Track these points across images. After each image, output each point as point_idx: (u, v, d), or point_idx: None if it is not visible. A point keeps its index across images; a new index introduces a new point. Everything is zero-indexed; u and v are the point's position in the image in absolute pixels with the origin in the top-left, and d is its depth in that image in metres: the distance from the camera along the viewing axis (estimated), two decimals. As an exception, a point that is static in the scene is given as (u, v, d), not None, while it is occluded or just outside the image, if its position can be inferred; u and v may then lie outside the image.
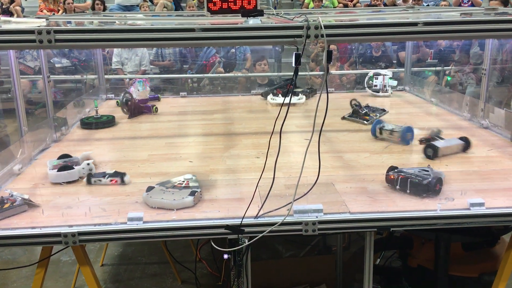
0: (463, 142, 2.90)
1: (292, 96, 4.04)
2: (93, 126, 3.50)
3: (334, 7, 9.67)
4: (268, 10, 3.15)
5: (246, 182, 2.47)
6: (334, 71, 7.12)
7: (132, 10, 9.49)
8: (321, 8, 9.35)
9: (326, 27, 1.95)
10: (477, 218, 2.14)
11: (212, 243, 2.09)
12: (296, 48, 1.98)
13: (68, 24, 3.13)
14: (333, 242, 3.29)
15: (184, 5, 9.69)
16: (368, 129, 3.31)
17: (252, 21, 2.31)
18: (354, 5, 10.16)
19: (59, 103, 5.74)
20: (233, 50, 7.79)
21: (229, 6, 2.86)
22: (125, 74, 7.48)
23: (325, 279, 3.10)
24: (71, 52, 7.56)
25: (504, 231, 2.87)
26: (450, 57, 7.68)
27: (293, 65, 1.96)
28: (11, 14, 9.67)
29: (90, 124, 3.52)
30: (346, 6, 10.10)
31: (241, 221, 2.06)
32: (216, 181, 2.51)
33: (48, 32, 1.92)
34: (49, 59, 7.28)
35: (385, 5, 9.29)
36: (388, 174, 2.39)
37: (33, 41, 1.93)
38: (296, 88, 4.28)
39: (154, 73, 7.77)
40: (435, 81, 6.98)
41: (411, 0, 8.84)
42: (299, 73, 2.02)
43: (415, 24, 2.03)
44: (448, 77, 7.29)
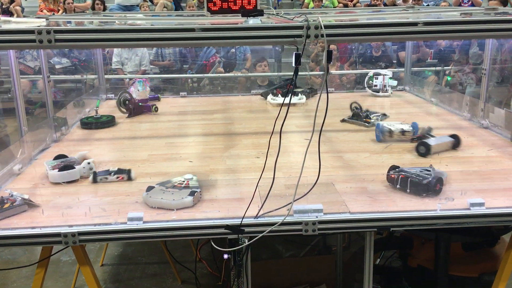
0: (454, 139, 2.95)
1: (292, 96, 4.05)
2: (93, 126, 3.50)
3: (334, 7, 9.67)
4: (268, 10, 3.15)
5: (246, 182, 2.47)
6: (334, 71, 7.12)
7: (132, 10, 9.49)
8: (321, 8, 9.35)
9: (326, 27, 1.95)
10: (477, 218, 2.14)
11: (212, 243, 2.09)
12: (296, 48, 1.98)
13: (68, 24, 3.13)
14: (333, 242, 3.29)
15: (184, 5, 9.69)
16: (368, 130, 3.31)
17: (252, 21, 2.31)
18: (354, 5, 10.16)
19: (59, 103, 5.75)
20: (233, 50, 7.78)
21: (229, 6, 2.86)
22: (125, 74, 7.48)
23: (325, 279, 3.10)
24: (71, 52, 7.56)
25: (504, 231, 2.87)
26: (450, 57, 7.68)
27: (293, 65, 1.96)
28: (11, 14, 9.67)
29: (89, 124, 3.52)
30: (346, 6, 10.10)
31: (241, 221, 2.06)
32: (216, 181, 2.51)
33: (48, 32, 1.92)
34: (49, 59, 7.28)
35: (385, 5, 9.29)
36: (389, 174, 2.39)
37: (33, 41, 1.93)
38: (296, 88, 4.27)
39: (154, 73, 7.77)
40: (435, 81, 6.98)
41: (411, 0, 8.85)
42: (299, 73, 2.02)
43: (415, 24, 2.03)
44: (448, 77, 7.29)
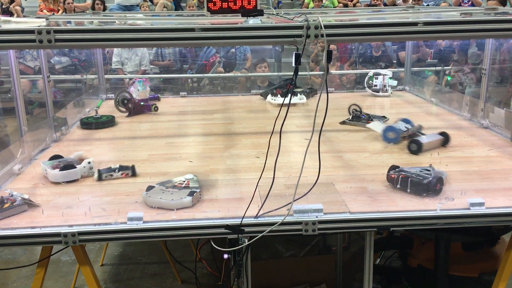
0: (443, 137, 2.99)
1: (292, 96, 4.05)
2: (93, 126, 3.49)
3: (334, 7, 9.67)
4: (268, 10, 3.15)
5: (246, 182, 2.47)
6: (334, 71, 7.12)
7: (132, 10, 9.49)
8: (321, 8, 9.35)
9: (326, 27, 1.95)
10: (477, 218, 2.14)
11: (212, 243, 2.09)
12: (296, 48, 1.98)
13: (68, 24, 3.13)
14: (333, 242, 3.30)
15: (184, 5, 9.69)
16: (368, 130, 3.31)
17: (252, 21, 2.31)
18: (354, 5, 10.16)
19: (59, 103, 5.75)
20: (233, 50, 7.79)
21: (229, 6, 2.86)
22: (125, 74, 7.49)
23: (325, 279, 3.10)
24: (71, 52, 7.56)
25: (504, 231, 2.87)
26: (450, 57, 7.68)
27: (293, 65, 1.96)
28: (11, 14, 9.67)
29: (89, 124, 3.52)
30: (346, 6, 10.10)
31: (241, 221, 2.06)
32: (216, 181, 2.51)
33: (48, 32, 1.92)
34: (49, 59, 7.28)
35: (385, 5, 9.29)
36: (389, 174, 2.39)
37: (33, 41, 1.93)
38: (296, 88, 4.27)
39: (154, 73, 7.77)
40: (435, 81, 6.98)
41: (411, 0, 8.85)
42: (299, 73, 2.02)
43: (415, 24, 2.03)
44: (448, 77, 7.29)
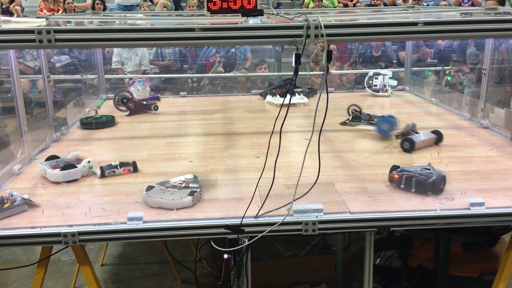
0: (436, 135, 3.00)
1: (292, 96, 4.05)
2: (93, 126, 3.49)
3: (334, 7, 9.67)
4: (268, 10, 3.15)
5: (246, 182, 2.47)
6: (334, 71, 7.12)
7: (132, 10, 9.49)
8: (321, 8, 9.35)
9: (326, 26, 1.94)
10: (477, 218, 2.14)
11: (212, 243, 2.09)
12: (296, 48, 1.98)
13: (68, 24, 3.13)
14: (333, 242, 3.30)
15: (184, 4, 9.69)
16: (368, 130, 3.31)
17: (252, 21, 2.31)
18: (354, 5, 10.16)
19: (58, 102, 5.75)
20: (233, 50, 7.79)
21: (229, 5, 2.86)
22: (125, 74, 7.49)
23: (325, 279, 3.10)
24: (71, 52, 7.56)
25: (504, 231, 2.87)
26: (450, 57, 7.68)
27: (293, 65, 1.96)
28: (11, 14, 9.67)
29: (89, 124, 3.51)
30: (346, 6, 10.11)
31: (241, 221, 2.06)
32: (216, 180, 2.51)
33: (48, 32, 1.92)
34: (49, 59, 7.28)
35: (385, 4, 9.29)
36: (392, 174, 2.38)
37: (33, 40, 1.93)
38: (295, 88, 4.26)
39: (154, 73, 7.77)
40: (435, 81, 6.98)
41: (411, 0, 8.85)
42: (299, 73, 2.02)
43: (415, 24, 2.03)
44: (448, 77, 7.29)
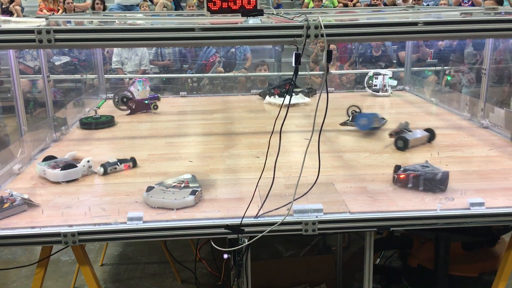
0: (429, 133, 3.03)
1: (293, 96, 4.05)
2: (92, 126, 3.49)
3: (334, 7, 9.67)
4: (268, 9, 3.15)
5: (246, 181, 2.47)
6: (334, 71, 7.12)
7: (132, 9, 9.48)
8: (321, 7, 9.35)
9: (326, 26, 1.94)
10: (477, 218, 2.14)
11: (212, 243, 2.09)
12: (296, 47, 1.98)
13: (68, 24, 3.13)
14: (333, 242, 3.29)
15: (184, 4, 9.69)
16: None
17: (252, 21, 2.31)
18: (354, 5, 10.16)
19: (58, 102, 5.75)
20: (233, 50, 7.78)
21: (229, 5, 2.86)
22: (125, 74, 7.48)
23: (325, 278, 3.10)
24: (70, 51, 7.56)
25: (504, 231, 2.87)
26: (450, 57, 7.68)
27: (293, 64, 1.96)
28: (11, 14, 9.67)
29: (89, 124, 3.51)
30: (346, 5, 10.10)
31: (241, 221, 2.06)
32: (216, 180, 2.51)
33: (48, 32, 1.92)
34: (49, 59, 7.28)
35: (385, 4, 9.29)
36: (397, 174, 2.37)
37: (33, 40, 1.93)
38: (295, 88, 4.26)
39: (154, 73, 7.76)
40: (435, 80, 6.98)
41: (411, 0, 8.84)
42: (298, 73, 2.02)
43: (415, 24, 2.03)
44: (448, 77, 7.29)
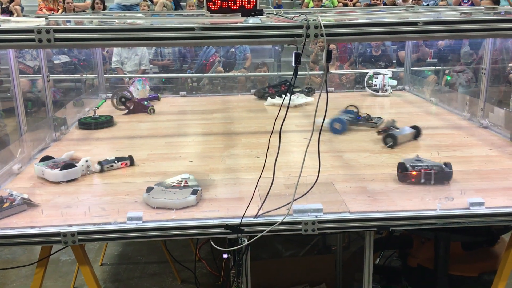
0: (415, 130, 3.10)
1: (296, 97, 4.05)
2: (91, 127, 3.47)
3: (333, 7, 9.67)
4: (268, 9, 3.15)
5: (245, 181, 2.47)
6: (333, 71, 7.12)
7: (132, 9, 9.48)
8: (321, 7, 9.35)
9: (326, 26, 1.94)
10: (476, 218, 2.14)
11: (212, 242, 2.09)
12: (295, 47, 1.98)
13: (68, 24, 3.13)
14: (333, 242, 3.29)
15: (183, 4, 9.69)
16: (368, 130, 3.30)
17: (252, 21, 2.31)
18: (354, 5, 10.16)
19: (57, 102, 5.75)
20: (232, 50, 7.78)
21: (228, 5, 2.85)
22: (125, 74, 7.48)
23: (325, 278, 3.10)
24: (70, 51, 7.56)
25: (504, 231, 2.87)
26: (450, 57, 7.68)
27: (293, 64, 1.96)
28: (10, 13, 9.67)
29: (87, 124, 3.49)
30: (345, 5, 10.11)
31: (241, 221, 2.06)
32: (215, 180, 2.51)
33: (48, 32, 1.92)
34: (49, 59, 7.28)
35: (385, 4, 9.29)
36: (409, 171, 2.40)
37: (33, 40, 1.93)
38: (294, 88, 4.25)
39: (154, 73, 7.76)
40: (435, 80, 6.97)
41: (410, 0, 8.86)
42: (298, 73, 2.01)
43: (415, 24, 2.03)
44: (448, 77, 7.28)
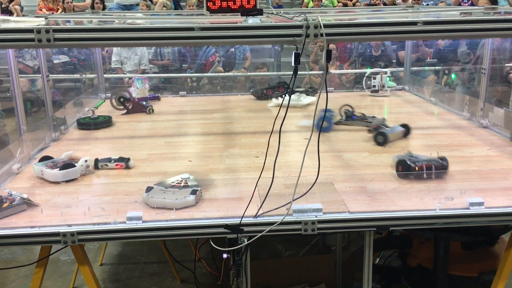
0: (404, 128, 3.12)
1: (300, 98, 4.04)
2: (89, 127, 3.46)
3: (333, 6, 9.67)
4: (268, 9, 3.15)
5: (245, 181, 2.47)
6: (333, 71, 7.12)
7: (132, 9, 9.48)
8: (321, 7, 9.35)
9: (326, 26, 1.94)
10: (476, 218, 2.14)
11: (211, 242, 2.09)
12: (295, 47, 1.98)
13: (67, 23, 3.13)
14: (333, 242, 3.30)
15: (183, 4, 9.68)
16: (363, 129, 3.31)
17: (252, 20, 2.31)
18: (354, 4, 10.16)
19: (56, 102, 5.74)
20: (232, 49, 7.78)
21: (228, 5, 2.86)
22: (125, 73, 7.48)
23: (325, 278, 3.10)
24: (70, 51, 7.56)
25: (504, 231, 2.87)
26: (450, 57, 7.68)
27: (293, 64, 1.96)
28: (10, 13, 9.67)
29: (85, 124, 3.48)
30: (345, 5, 10.11)
31: (240, 221, 2.06)
32: (215, 180, 2.51)
33: (47, 31, 1.91)
34: (48, 58, 7.27)
35: (384, 4, 9.29)
36: (413, 167, 2.42)
37: (32, 40, 1.93)
38: (296, 88, 4.25)
39: (154, 72, 7.76)
40: (435, 80, 6.97)
41: (410, -1, 8.86)
42: (298, 73, 2.01)
43: (414, 24, 2.03)
44: (453, 75, 7.26)
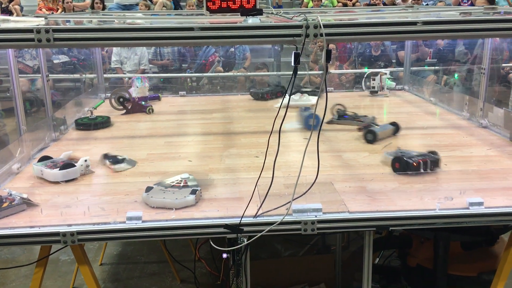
0: (394, 126, 3.17)
1: (307, 98, 4.05)
2: (87, 127, 3.45)
3: (333, 6, 9.67)
4: (267, 9, 3.15)
5: (245, 181, 2.47)
6: (333, 70, 7.12)
7: (131, 9, 9.48)
8: (320, 7, 9.35)
9: (325, 26, 1.94)
10: (476, 218, 2.14)
11: (211, 242, 2.09)
12: (295, 47, 1.98)
13: (67, 23, 3.13)
14: (332, 241, 3.30)
15: (183, 4, 9.68)
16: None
17: (251, 20, 2.31)
18: (354, 4, 10.16)
19: (55, 102, 5.74)
20: (232, 49, 7.78)
21: (228, 5, 2.86)
22: (124, 73, 7.47)
23: (324, 278, 3.10)
24: (70, 51, 7.55)
25: (503, 231, 2.87)
26: (449, 57, 7.67)
27: (292, 64, 1.96)
28: (10, 13, 9.67)
29: (84, 125, 3.47)
30: (345, 5, 10.11)
31: (240, 220, 2.06)
32: (215, 180, 2.51)
33: (47, 31, 1.92)
34: (48, 58, 7.27)
35: (384, 4, 9.29)
36: (412, 162, 2.45)
37: (32, 40, 1.93)
38: (303, 88, 4.27)
39: (153, 72, 7.75)
40: (434, 80, 6.97)
41: (410, -1, 8.85)
42: (298, 72, 2.01)
43: (414, 23, 2.03)
44: (455, 75, 7.26)
